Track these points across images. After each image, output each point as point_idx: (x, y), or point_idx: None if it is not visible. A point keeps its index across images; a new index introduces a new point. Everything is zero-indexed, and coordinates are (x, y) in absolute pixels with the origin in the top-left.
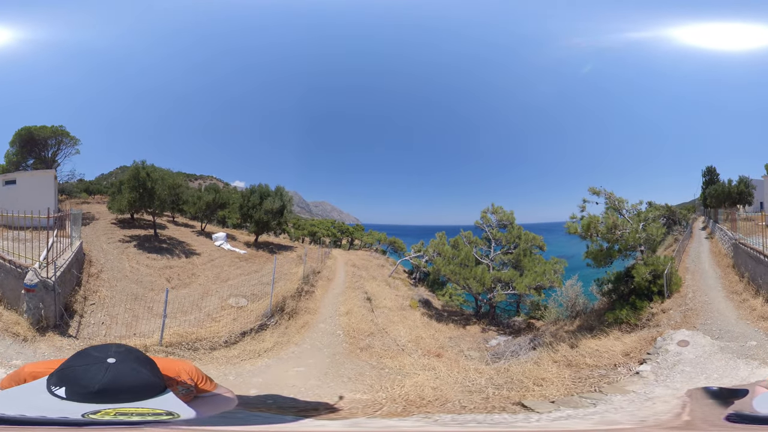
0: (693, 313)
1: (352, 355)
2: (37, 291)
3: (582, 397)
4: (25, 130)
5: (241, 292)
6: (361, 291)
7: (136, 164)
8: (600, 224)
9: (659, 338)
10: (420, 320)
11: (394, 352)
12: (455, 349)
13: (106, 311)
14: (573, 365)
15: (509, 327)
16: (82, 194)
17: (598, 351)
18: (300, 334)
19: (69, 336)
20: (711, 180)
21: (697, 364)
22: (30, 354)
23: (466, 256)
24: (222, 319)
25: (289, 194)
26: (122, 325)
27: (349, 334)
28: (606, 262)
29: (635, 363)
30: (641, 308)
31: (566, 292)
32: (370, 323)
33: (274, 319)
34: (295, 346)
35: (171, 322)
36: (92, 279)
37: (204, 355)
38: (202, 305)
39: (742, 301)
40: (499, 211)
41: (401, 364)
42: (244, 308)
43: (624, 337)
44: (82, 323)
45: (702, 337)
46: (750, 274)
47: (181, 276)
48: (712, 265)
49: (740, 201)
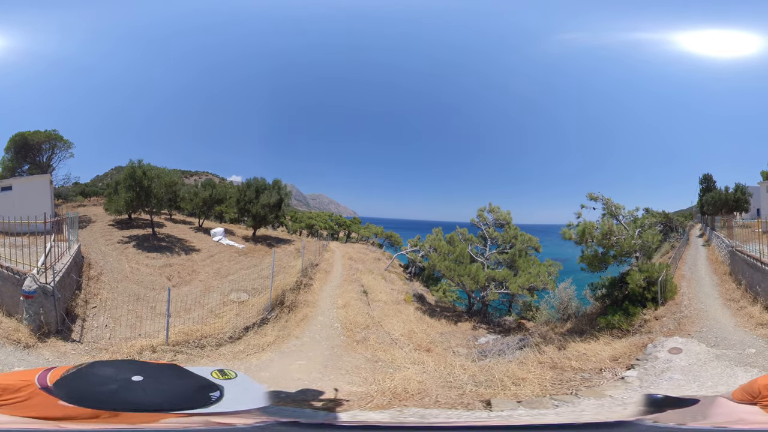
0: (688, 321)
1: (349, 348)
2: (36, 297)
3: (553, 398)
4: (19, 135)
5: (241, 286)
6: (358, 284)
7: (132, 163)
8: (595, 230)
9: (650, 345)
10: (413, 315)
11: (387, 345)
12: (444, 345)
13: (109, 313)
14: (557, 367)
15: (500, 326)
16: (77, 197)
17: (586, 354)
18: (300, 327)
19: (72, 341)
20: (708, 187)
21: (689, 372)
22: (33, 360)
23: (462, 253)
24: (225, 315)
25: (286, 187)
26: (126, 327)
27: (347, 327)
28: (600, 267)
29: (622, 368)
30: (634, 314)
31: (559, 295)
32: (366, 316)
33: (274, 312)
34: (296, 339)
35: (175, 320)
36: (92, 282)
37: (211, 351)
38: (204, 302)
39: (740, 308)
40: (496, 210)
41: (393, 357)
42: (246, 303)
43: (614, 343)
44: (85, 327)
45: (696, 345)
46: (747, 281)
47: (182, 274)
48: (709, 272)
49: (737, 208)
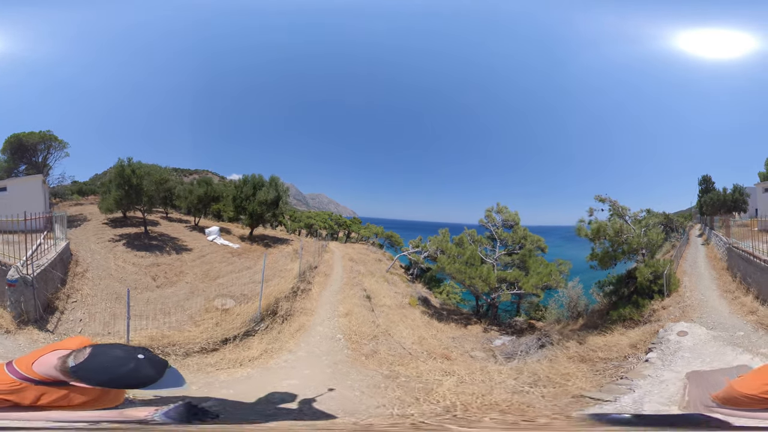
0: (690, 309)
1: (357, 363)
2: (18, 286)
3: (617, 384)
4: (14, 137)
5: (229, 291)
6: (360, 288)
7: (121, 161)
8: (608, 228)
9: (661, 330)
10: (420, 319)
11: (403, 357)
12: (460, 350)
13: (87, 309)
14: (587, 360)
15: (511, 327)
16: (74, 196)
17: (607, 345)
18: (294, 339)
19: (47, 331)
20: (707, 188)
21: (695, 350)
22: (9, 345)
23: (472, 255)
24: (204, 323)
25: (284, 184)
26: (99, 324)
27: (351, 339)
28: (611, 263)
29: (642, 353)
30: (643, 306)
31: (568, 293)
32: (372, 325)
33: (264, 324)
34: (288, 354)
35: (150, 323)
36: (77, 278)
37: (175, 362)
38: (186, 306)
39: (734, 298)
40: (504, 210)
41: (419, 372)
42: (230, 311)
43: (629, 332)
44: (62, 320)
45: (698, 328)
46: (742, 274)
47: (168, 274)
48: (708, 268)
49: (735, 209)
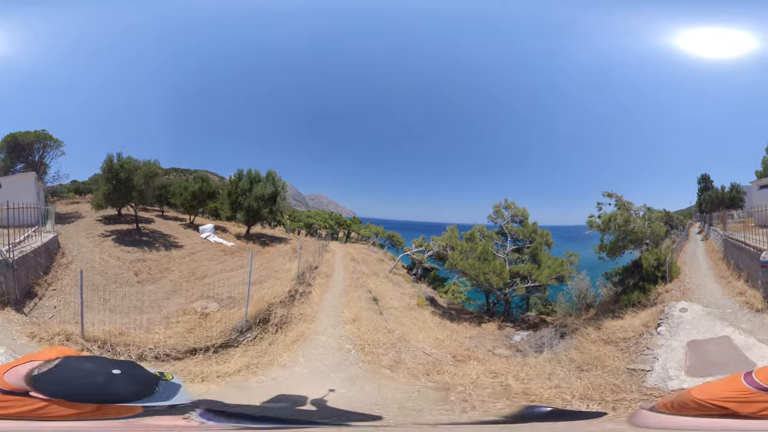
0: (689, 291)
1: (379, 376)
2: (0, 268)
3: (644, 355)
4: (11, 136)
5: (215, 293)
6: (365, 290)
7: (110, 156)
8: (618, 218)
9: (666, 308)
10: (432, 321)
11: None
12: (482, 349)
13: (63, 298)
14: (610, 342)
15: (525, 322)
16: (70, 194)
17: (623, 328)
18: (290, 351)
19: (22, 313)
20: (706, 187)
21: (693, 323)
22: None
23: (484, 250)
24: (176, 326)
25: (282, 180)
26: (71, 312)
27: (363, 350)
28: (619, 252)
29: (653, 329)
30: (649, 290)
31: (578, 285)
32: (385, 331)
33: (251, 333)
34: (280, 370)
35: (122, 318)
36: (61, 268)
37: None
38: (164, 305)
39: (728, 282)
40: (512, 206)
41: (469, 378)
42: (211, 316)
43: (640, 314)
44: (38, 305)
45: (696, 306)
46: (735, 261)
47: (152, 270)
48: (706, 259)
49: (732, 206)
